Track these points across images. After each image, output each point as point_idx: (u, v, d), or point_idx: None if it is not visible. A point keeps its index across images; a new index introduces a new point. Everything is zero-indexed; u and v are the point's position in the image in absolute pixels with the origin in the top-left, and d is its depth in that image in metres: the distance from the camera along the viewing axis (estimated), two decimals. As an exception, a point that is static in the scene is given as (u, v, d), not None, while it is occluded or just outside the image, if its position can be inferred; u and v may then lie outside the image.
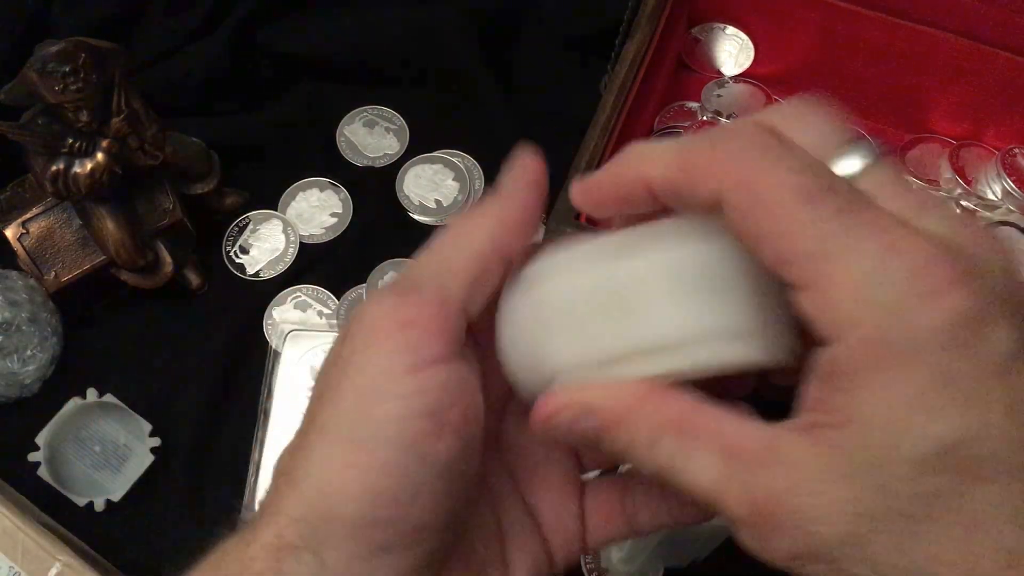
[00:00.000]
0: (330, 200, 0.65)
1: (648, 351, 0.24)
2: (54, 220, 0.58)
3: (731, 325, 0.24)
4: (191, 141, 0.61)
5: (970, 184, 0.64)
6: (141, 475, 0.54)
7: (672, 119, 0.68)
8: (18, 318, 0.55)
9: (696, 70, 0.69)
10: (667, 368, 0.24)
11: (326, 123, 0.68)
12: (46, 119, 0.50)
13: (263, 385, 0.58)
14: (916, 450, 0.20)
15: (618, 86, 0.53)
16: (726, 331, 0.24)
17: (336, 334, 0.59)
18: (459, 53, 0.68)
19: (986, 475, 0.20)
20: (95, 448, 0.56)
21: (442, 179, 0.66)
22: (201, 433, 0.57)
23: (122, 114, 0.52)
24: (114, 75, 0.50)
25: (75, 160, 0.52)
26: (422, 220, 0.65)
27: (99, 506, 0.53)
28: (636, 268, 0.25)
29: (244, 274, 0.63)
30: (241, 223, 0.64)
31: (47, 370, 0.57)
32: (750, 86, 0.69)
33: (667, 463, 0.24)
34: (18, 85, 0.48)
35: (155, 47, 0.68)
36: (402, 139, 0.68)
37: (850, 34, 0.63)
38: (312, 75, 0.70)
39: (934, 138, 0.67)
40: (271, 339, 0.60)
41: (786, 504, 0.22)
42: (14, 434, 0.55)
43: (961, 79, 0.62)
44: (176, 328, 0.61)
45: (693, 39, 0.69)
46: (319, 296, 0.62)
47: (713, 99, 0.68)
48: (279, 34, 0.70)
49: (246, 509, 0.54)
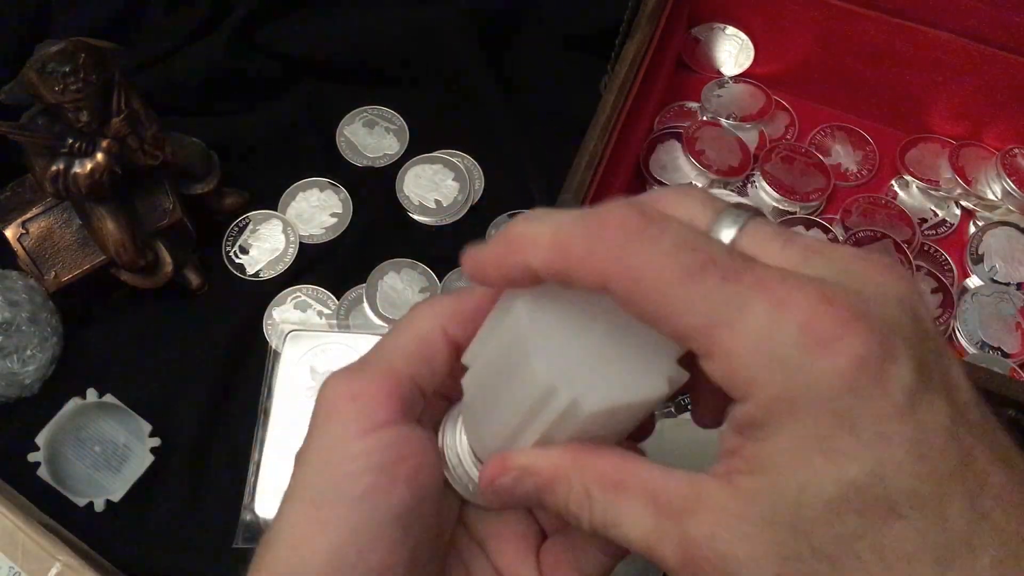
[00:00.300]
0: (330, 200, 0.65)
1: (536, 411, 0.26)
2: (54, 220, 0.58)
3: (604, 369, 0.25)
4: (191, 141, 0.61)
5: (970, 184, 0.64)
6: (141, 475, 0.54)
7: (672, 119, 0.68)
8: (18, 318, 0.55)
9: (696, 70, 0.69)
10: (553, 420, 0.25)
11: (326, 123, 0.68)
12: (46, 119, 0.50)
13: (263, 385, 0.58)
14: (826, 492, 0.21)
15: (618, 86, 0.53)
16: (598, 375, 0.25)
17: (336, 334, 0.59)
18: (459, 53, 0.68)
19: (898, 512, 0.21)
20: (95, 448, 0.56)
21: (442, 179, 0.66)
22: (201, 433, 0.57)
23: (122, 114, 0.52)
24: (114, 75, 0.50)
25: (75, 160, 0.52)
26: (422, 220, 0.65)
27: (99, 506, 0.53)
28: (503, 342, 0.26)
29: (244, 274, 0.63)
30: (241, 223, 0.64)
31: (47, 370, 0.57)
32: (750, 86, 0.69)
33: (600, 519, 0.25)
34: (18, 85, 0.48)
35: (155, 47, 0.68)
36: (402, 139, 0.68)
37: (850, 34, 0.63)
38: (312, 75, 0.70)
39: (934, 138, 0.67)
40: (271, 339, 0.60)
41: (713, 550, 0.22)
42: (14, 434, 0.55)
43: (961, 79, 0.63)
44: (176, 328, 0.61)
45: (693, 39, 0.69)
46: (319, 296, 0.62)
47: (713, 99, 0.68)
48: (279, 34, 0.70)
49: (246, 509, 0.54)
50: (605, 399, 0.25)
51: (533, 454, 0.27)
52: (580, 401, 0.24)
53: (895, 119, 0.67)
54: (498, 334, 0.27)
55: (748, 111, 0.67)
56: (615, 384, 0.25)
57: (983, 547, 0.21)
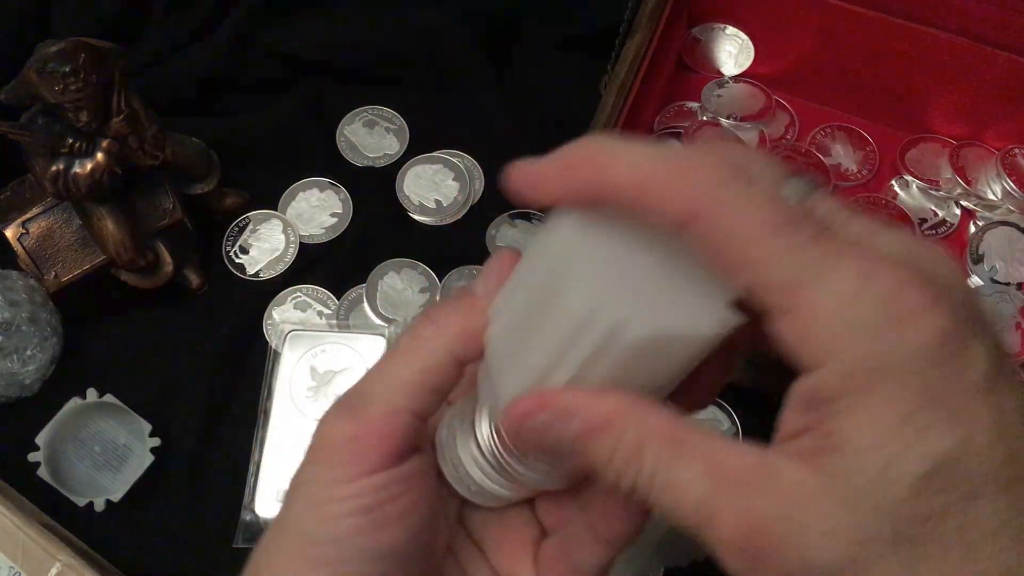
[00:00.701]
0: (330, 200, 0.65)
1: (574, 339, 0.23)
2: (54, 220, 0.58)
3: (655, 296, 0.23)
4: (191, 141, 0.61)
5: (970, 184, 0.64)
6: (141, 475, 0.54)
7: (672, 119, 0.68)
8: (18, 318, 0.55)
9: (696, 70, 0.69)
10: (593, 349, 0.23)
11: (326, 123, 0.68)
12: (46, 119, 0.50)
13: (263, 385, 0.58)
14: (911, 470, 0.20)
15: (618, 86, 0.53)
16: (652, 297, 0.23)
17: (336, 334, 0.59)
18: (459, 53, 0.68)
19: (980, 492, 0.20)
20: (95, 448, 0.56)
21: (442, 179, 0.66)
22: (201, 433, 0.57)
23: (122, 114, 0.52)
24: (114, 75, 0.50)
25: (75, 160, 0.52)
26: (422, 220, 0.65)
27: (99, 506, 0.53)
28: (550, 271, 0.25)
29: (244, 274, 0.63)
30: (241, 223, 0.64)
31: (47, 370, 0.57)
32: (750, 86, 0.69)
33: (649, 479, 0.23)
34: (18, 85, 0.48)
35: (155, 47, 0.68)
36: (402, 139, 0.68)
37: (850, 34, 0.63)
38: (312, 75, 0.70)
39: (934, 138, 0.67)
40: (271, 339, 0.60)
41: (783, 529, 0.21)
42: (14, 434, 0.55)
43: (961, 79, 0.62)
44: (176, 328, 0.61)
45: (693, 39, 0.69)
46: (319, 296, 0.62)
47: (713, 99, 0.68)
48: (279, 34, 0.70)
49: (246, 509, 0.54)
50: (653, 325, 0.23)
51: (583, 394, 0.24)
52: (625, 324, 0.22)
53: (895, 119, 0.67)
54: (536, 264, 0.25)
55: (748, 111, 0.67)
56: (665, 312, 0.23)
57: None
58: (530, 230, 0.64)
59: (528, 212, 0.64)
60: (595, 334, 0.23)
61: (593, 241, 0.24)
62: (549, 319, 0.24)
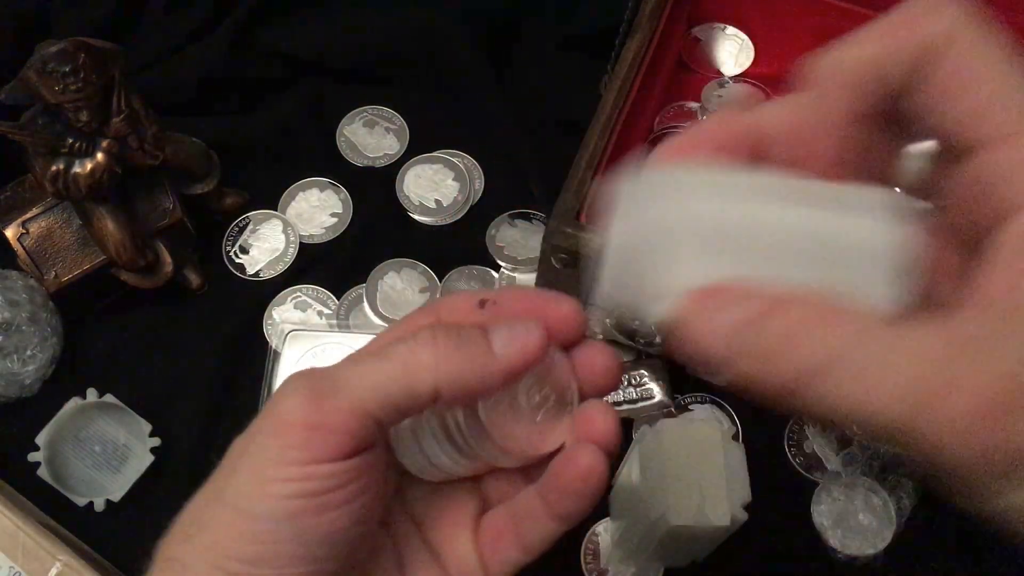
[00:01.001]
0: (330, 200, 0.65)
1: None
2: (54, 220, 0.58)
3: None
4: (191, 141, 0.61)
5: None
6: (141, 475, 0.54)
7: (672, 119, 0.68)
8: (18, 318, 0.55)
9: (696, 70, 0.69)
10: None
11: (326, 123, 0.68)
12: (46, 119, 0.50)
13: (263, 385, 0.58)
14: None
15: (618, 86, 0.53)
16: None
17: (336, 334, 0.59)
18: (459, 53, 0.68)
19: None
20: (95, 448, 0.56)
21: (442, 179, 0.66)
22: (201, 433, 0.57)
23: (122, 114, 0.52)
24: (114, 75, 0.50)
25: (75, 160, 0.52)
26: (422, 220, 0.65)
27: (99, 506, 0.53)
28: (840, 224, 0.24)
29: (244, 274, 0.63)
30: (241, 223, 0.64)
31: (47, 370, 0.57)
32: (750, 86, 0.69)
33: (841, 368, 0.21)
34: (18, 85, 0.48)
35: (155, 47, 0.68)
36: (402, 139, 0.68)
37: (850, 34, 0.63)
38: (312, 75, 0.70)
39: (934, 138, 0.67)
40: (271, 339, 0.60)
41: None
42: (14, 434, 0.55)
43: (961, 79, 0.62)
44: (176, 328, 0.61)
45: (693, 39, 0.69)
46: (319, 296, 0.62)
47: (713, 99, 0.68)
48: (279, 34, 0.70)
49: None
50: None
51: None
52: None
53: (895, 119, 0.67)
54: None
55: (748, 111, 0.67)
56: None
57: None
58: (530, 230, 0.64)
59: (528, 212, 0.64)
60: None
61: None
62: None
